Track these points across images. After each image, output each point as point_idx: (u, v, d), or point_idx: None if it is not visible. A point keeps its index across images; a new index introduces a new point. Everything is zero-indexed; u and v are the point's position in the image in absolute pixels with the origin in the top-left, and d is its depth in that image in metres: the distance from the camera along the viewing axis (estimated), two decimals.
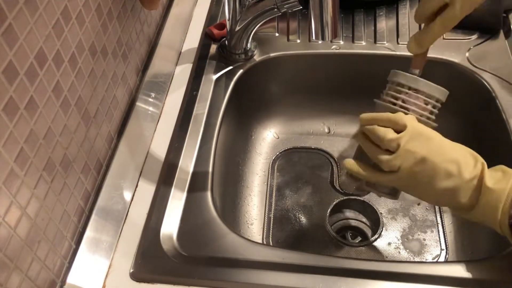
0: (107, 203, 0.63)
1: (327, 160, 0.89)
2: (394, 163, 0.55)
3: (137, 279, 0.58)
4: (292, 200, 0.84)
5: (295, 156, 0.90)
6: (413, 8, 0.89)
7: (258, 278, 0.58)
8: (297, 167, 0.89)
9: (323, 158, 0.89)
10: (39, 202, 0.49)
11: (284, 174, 0.88)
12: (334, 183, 0.85)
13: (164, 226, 0.62)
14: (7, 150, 0.43)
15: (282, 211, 0.83)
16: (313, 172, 0.87)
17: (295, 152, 0.91)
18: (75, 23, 0.53)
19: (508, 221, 0.52)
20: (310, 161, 0.89)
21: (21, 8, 0.44)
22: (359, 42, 0.86)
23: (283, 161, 0.89)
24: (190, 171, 0.68)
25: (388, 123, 0.56)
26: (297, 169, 0.88)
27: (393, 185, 0.59)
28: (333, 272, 0.57)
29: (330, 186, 0.85)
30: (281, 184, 0.86)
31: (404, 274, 0.57)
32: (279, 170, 0.88)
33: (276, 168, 0.88)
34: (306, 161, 0.89)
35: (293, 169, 0.88)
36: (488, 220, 0.53)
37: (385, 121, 0.57)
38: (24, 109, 0.45)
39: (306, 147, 0.91)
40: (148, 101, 0.74)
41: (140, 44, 0.74)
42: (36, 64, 0.47)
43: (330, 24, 0.60)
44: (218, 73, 0.82)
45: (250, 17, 0.76)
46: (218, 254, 0.60)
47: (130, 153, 0.68)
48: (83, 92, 0.56)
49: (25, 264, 0.48)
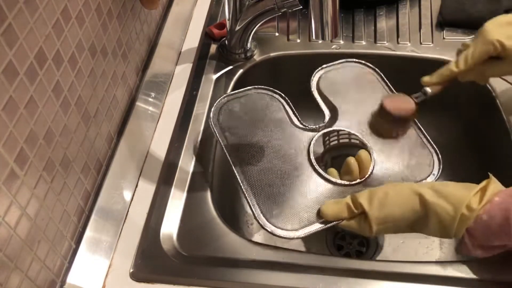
0: (107, 203, 0.63)
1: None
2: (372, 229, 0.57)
3: (137, 279, 0.58)
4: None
5: None
6: (413, 7, 0.89)
7: (258, 278, 0.58)
8: None
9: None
10: (39, 202, 0.49)
11: None
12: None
13: (164, 226, 0.62)
14: (7, 150, 0.43)
15: None
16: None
17: None
18: (75, 23, 0.53)
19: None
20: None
21: (21, 8, 0.43)
22: (359, 41, 0.86)
23: None
24: (190, 171, 0.68)
25: (349, 211, 0.58)
26: None
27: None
28: (333, 272, 0.57)
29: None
30: None
31: (404, 274, 0.57)
32: None
33: None
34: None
35: None
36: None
37: (346, 211, 0.59)
38: (24, 109, 0.45)
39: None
40: (148, 101, 0.74)
41: (140, 43, 0.74)
42: (36, 64, 0.47)
43: (330, 24, 0.60)
44: (218, 72, 0.82)
45: (250, 17, 0.76)
46: (218, 254, 0.60)
47: (130, 153, 0.68)
48: (83, 92, 0.56)
49: (25, 264, 0.48)
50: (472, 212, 0.52)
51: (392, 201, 0.56)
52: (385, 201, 0.56)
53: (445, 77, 0.67)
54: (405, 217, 0.56)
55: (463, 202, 0.53)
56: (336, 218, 0.59)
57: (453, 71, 0.66)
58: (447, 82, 0.68)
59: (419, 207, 0.55)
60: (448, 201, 0.54)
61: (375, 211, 0.56)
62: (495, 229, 0.51)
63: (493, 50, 0.63)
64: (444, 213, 0.53)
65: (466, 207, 0.53)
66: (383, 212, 0.56)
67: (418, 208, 0.55)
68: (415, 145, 0.68)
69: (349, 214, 0.58)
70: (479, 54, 0.64)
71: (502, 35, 0.62)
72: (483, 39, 0.63)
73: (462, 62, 0.65)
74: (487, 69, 0.65)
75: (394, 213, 0.56)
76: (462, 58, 0.65)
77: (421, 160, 0.66)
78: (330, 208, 0.59)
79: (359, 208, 0.57)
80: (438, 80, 0.67)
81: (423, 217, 0.55)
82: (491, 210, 0.52)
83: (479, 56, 0.64)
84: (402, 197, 0.56)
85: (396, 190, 0.57)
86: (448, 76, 0.67)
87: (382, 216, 0.56)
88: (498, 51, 0.63)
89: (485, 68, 0.65)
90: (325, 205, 0.60)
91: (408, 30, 0.87)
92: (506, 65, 0.64)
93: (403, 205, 0.56)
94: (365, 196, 0.57)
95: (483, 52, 0.64)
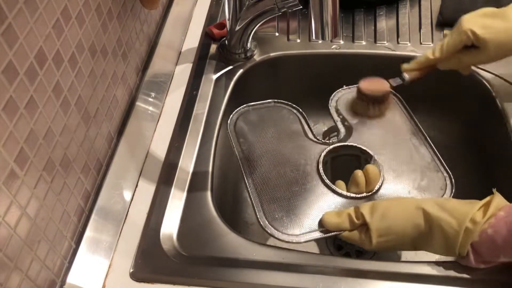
0: (107, 203, 0.63)
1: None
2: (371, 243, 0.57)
3: (137, 279, 0.58)
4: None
5: None
6: (413, 7, 0.89)
7: (258, 278, 0.58)
8: None
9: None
10: (39, 202, 0.49)
11: None
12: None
13: (164, 226, 0.62)
14: (7, 150, 0.43)
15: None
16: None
17: None
18: (75, 23, 0.53)
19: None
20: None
21: (21, 8, 0.43)
22: (359, 41, 0.86)
23: None
24: (190, 171, 0.68)
25: (351, 222, 0.58)
26: None
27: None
28: (333, 272, 0.57)
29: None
30: None
31: (404, 274, 0.57)
32: None
33: None
34: None
35: None
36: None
37: (348, 222, 0.59)
38: (24, 109, 0.45)
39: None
40: (148, 100, 0.74)
41: (140, 43, 0.74)
42: (36, 64, 0.47)
43: (330, 24, 0.60)
44: (218, 72, 0.82)
45: (250, 17, 0.76)
46: (218, 254, 0.60)
47: (130, 153, 0.68)
48: (83, 92, 0.56)
49: (25, 264, 0.48)
50: (476, 225, 0.52)
51: (394, 213, 0.56)
52: (387, 213, 0.56)
53: (422, 64, 0.70)
54: (408, 231, 0.55)
55: (467, 216, 0.52)
56: (338, 228, 0.59)
57: (429, 59, 0.69)
58: (426, 70, 0.71)
59: (422, 221, 0.55)
60: (452, 215, 0.53)
61: (376, 222, 0.56)
62: (501, 243, 0.51)
63: (466, 39, 0.65)
64: (448, 227, 0.53)
65: (470, 220, 0.52)
66: (385, 224, 0.55)
67: (421, 223, 0.55)
68: (428, 167, 0.67)
69: (351, 224, 0.58)
70: (453, 43, 0.66)
71: (476, 25, 0.64)
72: (458, 29, 0.66)
73: (437, 50, 0.68)
74: (463, 57, 0.67)
75: (396, 226, 0.55)
76: (438, 46, 0.68)
77: (433, 183, 0.66)
78: (332, 217, 0.59)
79: (361, 219, 0.57)
80: (416, 67, 0.70)
81: (426, 233, 0.55)
82: (496, 224, 0.51)
83: (453, 44, 0.66)
84: (405, 210, 0.56)
85: (399, 203, 0.57)
86: (425, 63, 0.69)
87: (383, 228, 0.56)
88: (471, 40, 0.65)
89: (461, 56, 0.67)
90: (327, 214, 0.60)
91: (408, 30, 0.87)
92: (481, 54, 0.65)
93: (406, 218, 0.55)
94: (367, 207, 0.57)
95: (457, 41, 0.66)
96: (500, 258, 0.52)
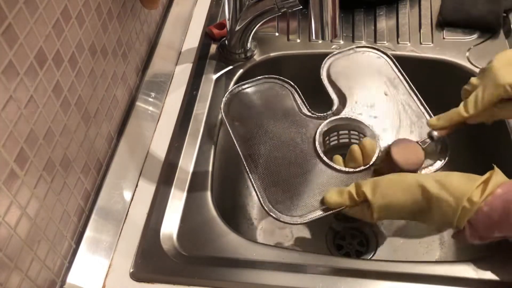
0: (107, 203, 0.63)
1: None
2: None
3: (137, 279, 0.58)
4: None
5: None
6: (413, 7, 0.89)
7: (258, 278, 0.58)
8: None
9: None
10: (39, 202, 0.49)
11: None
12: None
13: (164, 226, 0.62)
14: (7, 150, 0.43)
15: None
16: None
17: None
18: (75, 23, 0.53)
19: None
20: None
21: (21, 8, 0.43)
22: (359, 41, 0.86)
23: None
24: (190, 171, 0.68)
25: (352, 200, 0.59)
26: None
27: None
28: (333, 272, 0.57)
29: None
30: None
31: (404, 274, 0.57)
32: None
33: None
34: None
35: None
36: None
37: (349, 200, 0.60)
38: (24, 109, 0.45)
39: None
40: (148, 100, 0.74)
41: (140, 43, 0.74)
42: (36, 64, 0.47)
43: (330, 24, 0.60)
44: (218, 73, 0.82)
45: (250, 17, 0.76)
46: (218, 254, 0.60)
47: (130, 153, 0.68)
48: (83, 92, 0.56)
49: (25, 264, 0.48)
50: (473, 205, 0.53)
51: (395, 191, 0.57)
52: (388, 191, 0.57)
53: (453, 121, 0.63)
54: (407, 207, 0.57)
55: (465, 195, 0.53)
56: (339, 206, 0.60)
57: (463, 116, 0.62)
58: (455, 126, 0.64)
59: (422, 198, 0.56)
60: (450, 194, 0.54)
61: (378, 200, 0.57)
62: (496, 220, 0.52)
63: (504, 94, 0.59)
64: (445, 205, 0.54)
65: (467, 200, 0.53)
66: (386, 201, 0.57)
67: (421, 200, 0.56)
68: (420, 117, 0.69)
69: (352, 202, 0.59)
70: (490, 98, 0.60)
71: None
72: (493, 82, 0.60)
73: (471, 106, 0.61)
74: (498, 111, 0.62)
75: (397, 202, 0.57)
76: (472, 101, 0.61)
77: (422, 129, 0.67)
78: (333, 196, 0.60)
79: (362, 197, 0.58)
80: (446, 124, 0.64)
81: (425, 209, 0.56)
82: (493, 202, 0.52)
83: (489, 100, 0.60)
84: (405, 188, 0.57)
85: (399, 180, 0.58)
86: (456, 120, 0.63)
87: (384, 205, 0.57)
88: (509, 94, 0.59)
89: (495, 110, 0.62)
90: (329, 193, 0.60)
91: (408, 30, 0.87)
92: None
93: (406, 196, 0.56)
94: (368, 184, 0.58)
95: (494, 96, 0.60)
96: (495, 234, 0.54)
